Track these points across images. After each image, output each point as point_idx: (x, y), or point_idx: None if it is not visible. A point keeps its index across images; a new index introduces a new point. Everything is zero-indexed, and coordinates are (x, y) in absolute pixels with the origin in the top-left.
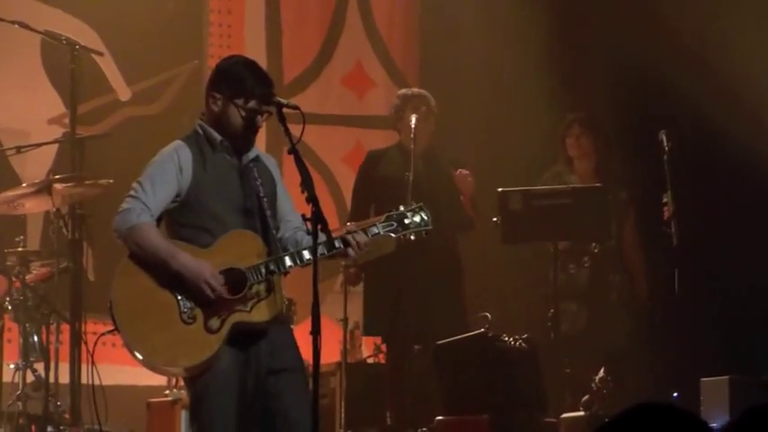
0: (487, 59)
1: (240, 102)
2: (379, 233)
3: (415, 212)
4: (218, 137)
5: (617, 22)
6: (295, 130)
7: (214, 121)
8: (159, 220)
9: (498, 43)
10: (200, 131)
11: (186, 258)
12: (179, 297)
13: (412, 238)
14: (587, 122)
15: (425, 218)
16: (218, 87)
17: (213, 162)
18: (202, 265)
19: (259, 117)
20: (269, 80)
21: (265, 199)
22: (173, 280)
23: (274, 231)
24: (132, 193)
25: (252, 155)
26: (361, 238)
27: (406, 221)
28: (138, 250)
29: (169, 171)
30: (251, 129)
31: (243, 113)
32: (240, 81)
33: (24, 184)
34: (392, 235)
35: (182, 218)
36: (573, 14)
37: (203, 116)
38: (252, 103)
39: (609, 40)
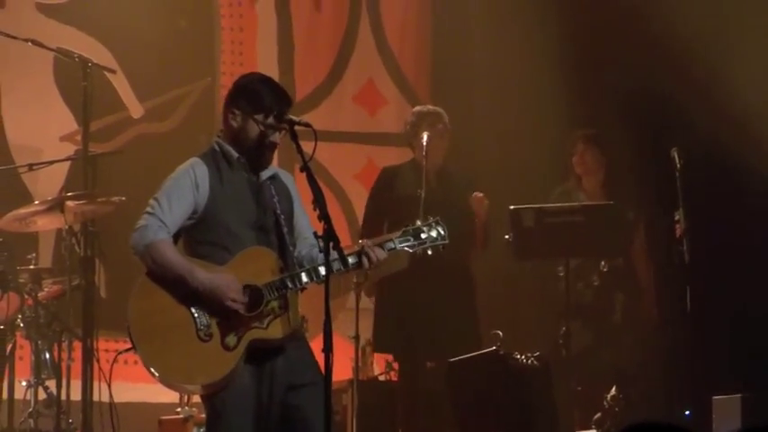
0: (499, 76)
1: (259, 117)
2: (395, 248)
3: (431, 227)
4: (235, 154)
5: (630, 40)
6: (307, 147)
7: (232, 138)
8: (176, 237)
9: (510, 60)
10: (218, 148)
11: (204, 274)
12: (196, 314)
13: (429, 252)
14: (592, 139)
15: (442, 232)
16: (237, 103)
17: (230, 179)
18: (221, 278)
19: (277, 133)
20: (288, 97)
21: (282, 216)
22: (190, 297)
23: (291, 248)
24: (149, 209)
25: (269, 172)
26: (379, 252)
27: (423, 236)
28: (156, 267)
29: (186, 188)
30: (269, 145)
31: (261, 129)
32: (259, 97)
33: (36, 202)
34: (409, 250)
35: (198, 235)
36: (586, 31)
37: (221, 133)
38: (270, 120)
39: (621, 59)
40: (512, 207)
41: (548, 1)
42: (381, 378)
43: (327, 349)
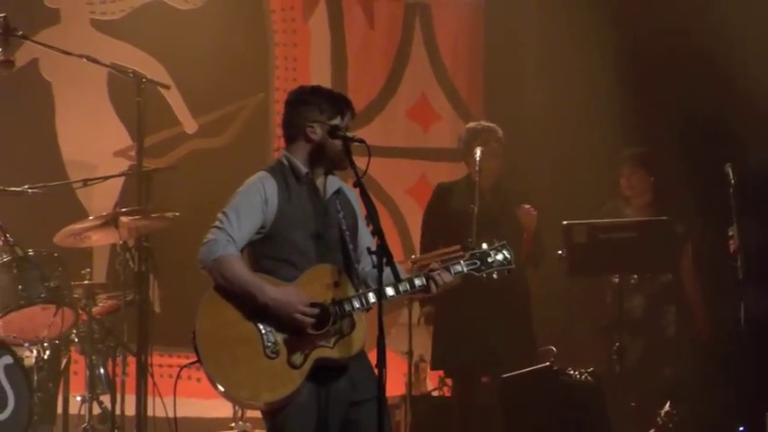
0: (552, 92)
1: (337, 121)
2: (462, 271)
3: (498, 251)
4: (303, 169)
5: (685, 58)
6: (360, 162)
7: (311, 151)
8: (241, 250)
9: (563, 76)
10: (286, 162)
11: (273, 291)
12: (263, 331)
13: (495, 276)
14: (639, 161)
15: (508, 256)
16: (310, 116)
17: (298, 194)
18: (290, 292)
19: (347, 135)
20: (350, 101)
21: (347, 232)
22: (257, 313)
23: (355, 265)
24: (218, 224)
25: (335, 186)
26: (445, 276)
27: (489, 260)
28: (224, 282)
29: (255, 203)
30: (348, 152)
31: (342, 137)
32: (334, 100)
33: (91, 217)
34: (475, 273)
35: (265, 249)
36: (640, 48)
37: (285, 150)
38: (339, 121)
39: (676, 76)
40: (564, 222)
41: (602, 17)
42: (435, 393)
43: (381, 365)
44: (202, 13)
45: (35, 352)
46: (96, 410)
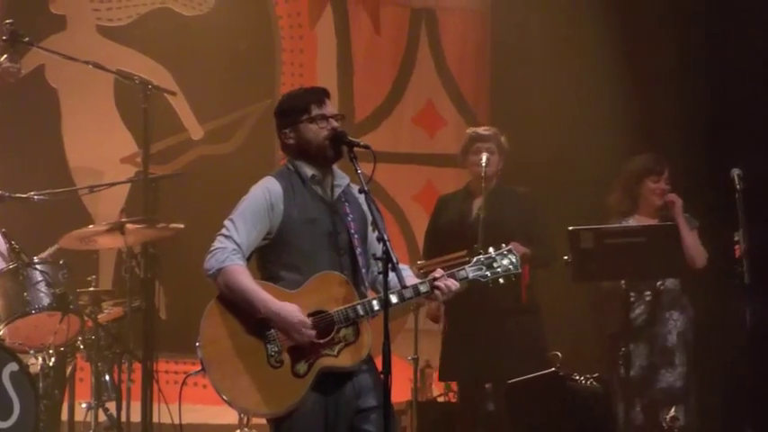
0: (558, 97)
1: (304, 118)
2: (467, 277)
3: (504, 255)
4: (308, 171)
5: (689, 60)
6: (366, 168)
7: (299, 154)
8: (249, 256)
9: (569, 82)
10: (291, 167)
11: (275, 305)
12: (267, 340)
13: (501, 281)
14: (647, 173)
15: (514, 261)
16: (283, 124)
17: (304, 197)
18: (292, 312)
19: (331, 119)
20: (318, 87)
21: (356, 236)
22: (261, 323)
23: (363, 270)
24: (224, 231)
25: (342, 182)
26: (451, 283)
27: (495, 265)
28: (229, 292)
29: (261, 210)
30: (333, 134)
31: (315, 125)
32: (293, 101)
33: (96, 225)
34: (481, 280)
35: (272, 255)
36: (644, 53)
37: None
38: (315, 111)
39: (681, 79)
40: (570, 228)
41: (607, 24)
42: (440, 399)
43: (386, 371)
44: (209, 20)
45: (41, 359)
46: (102, 417)
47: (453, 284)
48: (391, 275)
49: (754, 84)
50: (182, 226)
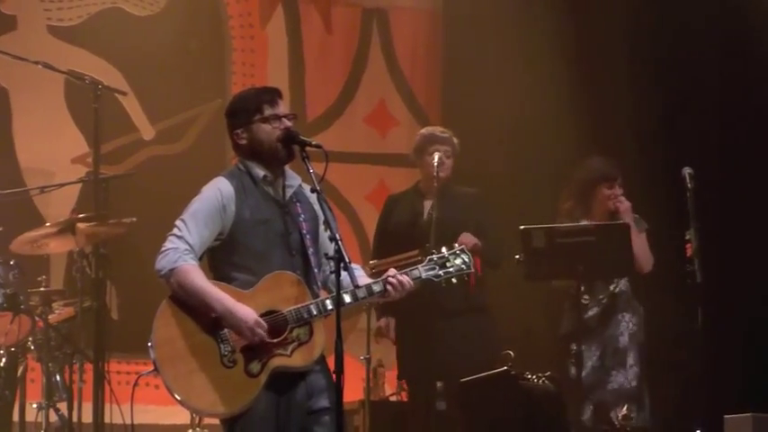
0: (510, 97)
1: (257, 118)
2: (420, 277)
3: (456, 255)
4: (260, 172)
5: (641, 60)
6: (318, 168)
7: (251, 155)
8: (201, 257)
9: (521, 82)
10: (242, 167)
11: (229, 303)
12: (220, 340)
13: (454, 281)
14: (601, 180)
15: (467, 260)
16: (234, 125)
17: (256, 198)
18: (245, 311)
19: (284, 119)
20: (271, 87)
21: (308, 236)
22: (214, 323)
23: (316, 270)
24: (176, 232)
25: (294, 184)
26: (405, 279)
27: (448, 265)
28: (181, 292)
29: (213, 209)
30: (285, 133)
31: (268, 125)
32: (246, 101)
33: (48, 224)
34: (434, 279)
35: (224, 256)
36: (595, 52)
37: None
38: (268, 111)
39: (632, 78)
40: (522, 227)
41: (558, 23)
42: (393, 399)
43: (339, 370)
44: (160, 20)
45: None
46: (53, 418)
47: (406, 281)
48: (344, 275)
49: (705, 81)
50: (134, 219)
